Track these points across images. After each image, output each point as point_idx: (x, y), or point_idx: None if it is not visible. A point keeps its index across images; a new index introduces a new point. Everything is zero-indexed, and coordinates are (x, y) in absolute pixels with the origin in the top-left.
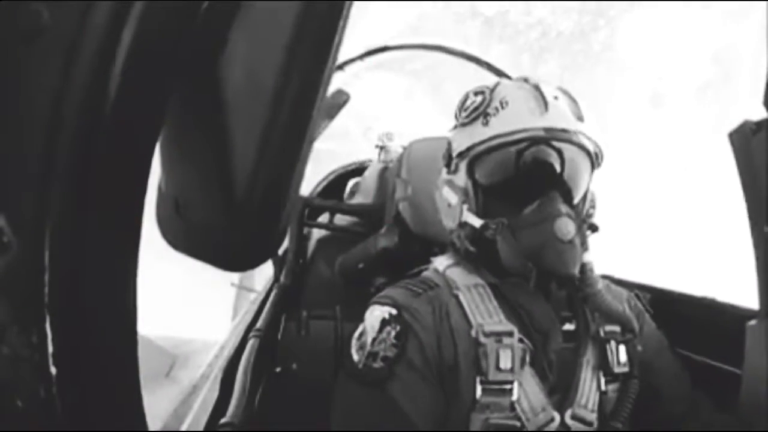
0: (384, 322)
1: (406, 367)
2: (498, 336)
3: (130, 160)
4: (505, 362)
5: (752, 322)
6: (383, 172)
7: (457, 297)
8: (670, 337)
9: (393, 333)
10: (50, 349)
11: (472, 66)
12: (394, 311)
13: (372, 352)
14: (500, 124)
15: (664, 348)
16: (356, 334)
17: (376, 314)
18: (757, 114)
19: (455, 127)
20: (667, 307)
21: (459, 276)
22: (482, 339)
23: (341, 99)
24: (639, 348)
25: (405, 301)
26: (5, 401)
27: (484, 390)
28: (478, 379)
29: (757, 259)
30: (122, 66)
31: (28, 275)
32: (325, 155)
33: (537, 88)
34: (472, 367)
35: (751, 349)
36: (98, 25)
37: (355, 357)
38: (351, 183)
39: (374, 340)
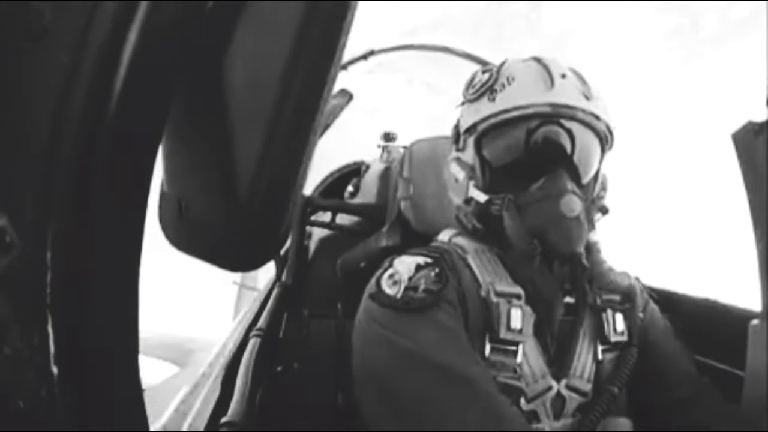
0: (419, 266)
1: (448, 303)
2: (508, 297)
3: (133, 160)
4: (516, 322)
5: (754, 322)
6: (385, 172)
7: (465, 260)
8: None
9: (432, 273)
10: (52, 349)
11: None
12: (429, 259)
13: (411, 286)
14: (506, 100)
15: (668, 330)
16: (385, 275)
17: (408, 261)
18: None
19: (463, 103)
20: (668, 308)
21: (466, 243)
22: (493, 298)
23: (345, 98)
24: (640, 315)
25: (433, 257)
26: (7, 401)
27: (492, 348)
28: (487, 337)
29: (760, 259)
30: (126, 66)
31: (30, 275)
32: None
33: (545, 66)
34: (483, 326)
35: (752, 349)
36: (102, 26)
37: (390, 291)
38: (351, 183)
39: (411, 278)
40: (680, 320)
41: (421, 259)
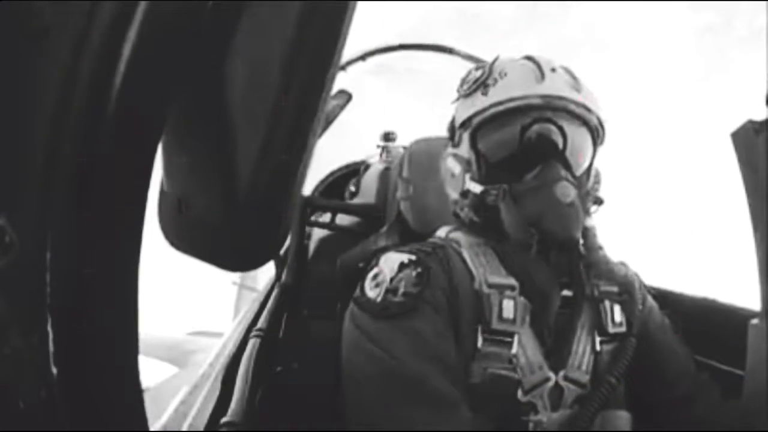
0: (402, 265)
1: (427, 305)
2: (501, 288)
3: (133, 160)
4: (508, 312)
5: (754, 321)
6: (385, 173)
7: (460, 254)
8: None
9: (414, 273)
10: (52, 349)
11: None
12: (413, 257)
13: (391, 288)
14: (498, 93)
15: (666, 325)
16: (369, 275)
17: (393, 258)
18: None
19: (457, 99)
20: (667, 307)
21: (462, 237)
22: (485, 289)
23: (344, 98)
24: (639, 307)
25: (419, 254)
26: (6, 401)
27: (485, 339)
28: (479, 328)
29: (759, 259)
30: (126, 66)
31: (29, 275)
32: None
33: (535, 62)
34: (475, 318)
35: (752, 349)
36: (103, 25)
37: (371, 294)
38: (351, 183)
39: (392, 279)
40: (679, 319)
41: (405, 257)
